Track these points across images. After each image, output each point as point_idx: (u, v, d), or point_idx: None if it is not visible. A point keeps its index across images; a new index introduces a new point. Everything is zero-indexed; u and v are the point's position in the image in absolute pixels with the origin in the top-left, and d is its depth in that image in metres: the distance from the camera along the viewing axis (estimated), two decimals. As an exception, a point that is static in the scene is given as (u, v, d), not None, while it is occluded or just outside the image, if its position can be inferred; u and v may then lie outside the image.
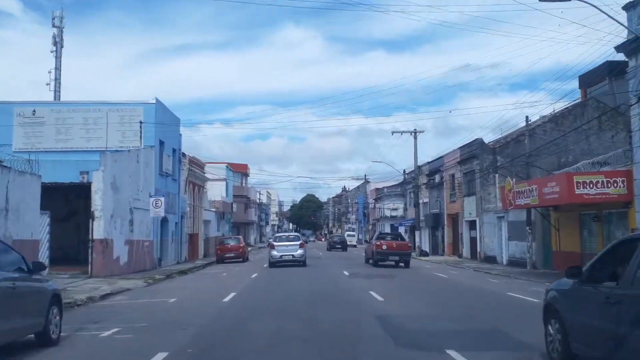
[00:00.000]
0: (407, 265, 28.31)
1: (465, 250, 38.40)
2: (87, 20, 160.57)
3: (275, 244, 29.06)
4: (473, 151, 36.05)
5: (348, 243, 61.84)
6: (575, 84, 32.19)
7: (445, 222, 43.31)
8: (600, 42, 52.76)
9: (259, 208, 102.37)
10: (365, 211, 77.86)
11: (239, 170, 72.04)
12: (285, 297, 14.98)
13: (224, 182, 53.28)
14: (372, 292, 15.68)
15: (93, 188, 21.18)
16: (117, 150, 25.08)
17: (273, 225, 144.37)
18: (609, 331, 5.29)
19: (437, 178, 44.94)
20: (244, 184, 74.07)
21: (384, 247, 28.59)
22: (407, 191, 59.79)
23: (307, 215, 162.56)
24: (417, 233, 48.91)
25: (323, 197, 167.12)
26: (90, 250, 20.91)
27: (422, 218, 51.59)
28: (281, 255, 27.79)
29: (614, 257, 6.16)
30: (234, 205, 58.31)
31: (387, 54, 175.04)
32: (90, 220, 21.05)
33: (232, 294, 15.56)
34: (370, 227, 79.16)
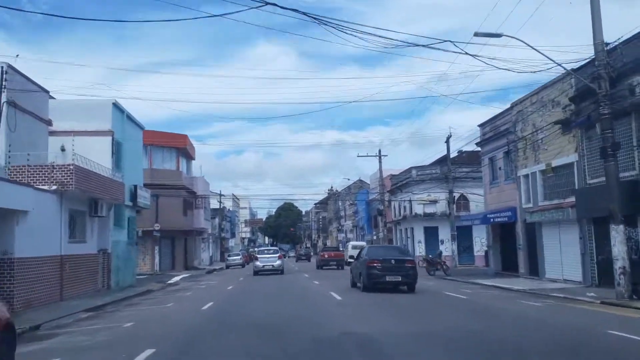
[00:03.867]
0: (342, 268, 39.13)
1: None
2: (55, 39, 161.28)
3: (258, 256, 35.76)
4: None
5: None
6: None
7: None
8: None
9: (219, 214, 73.80)
10: (380, 208, 49.16)
11: (169, 143, 43.05)
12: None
13: (108, 139, 24.34)
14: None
15: None
16: None
17: (243, 239, 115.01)
18: (358, 272, 20.40)
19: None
20: (181, 169, 45.07)
21: (326, 255, 42.31)
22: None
23: (285, 226, 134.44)
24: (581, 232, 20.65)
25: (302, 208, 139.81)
26: None
27: (528, 204, 23.41)
28: (263, 265, 33.66)
29: (359, 251, 23.21)
30: (145, 195, 29.37)
31: (360, 68, 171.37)
32: None
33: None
34: (384, 232, 50.70)
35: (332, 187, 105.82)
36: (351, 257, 45.19)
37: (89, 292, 21.14)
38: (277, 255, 35.14)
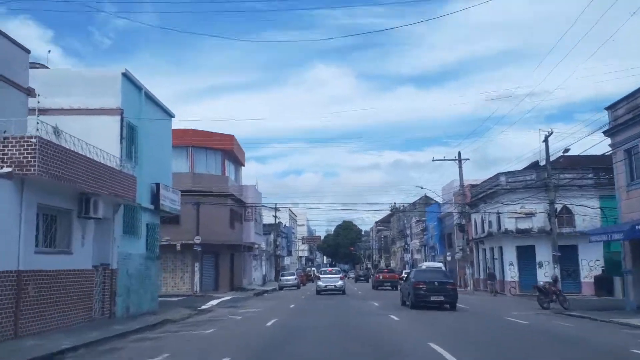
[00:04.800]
0: (395, 289, 37.10)
1: None
2: (121, 64, 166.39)
3: (321, 276, 37.21)
4: None
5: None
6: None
7: None
8: None
9: (274, 230, 68.09)
10: (462, 223, 41.43)
11: (213, 144, 37.27)
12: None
13: (115, 119, 18.33)
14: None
15: None
16: None
17: (300, 258, 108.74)
18: (407, 292, 23.23)
19: None
20: (227, 174, 39.13)
21: (380, 277, 43.47)
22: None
23: (344, 245, 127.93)
24: None
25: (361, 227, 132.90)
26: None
27: None
28: (326, 285, 34.85)
29: (408, 274, 29.39)
30: (173, 198, 23.22)
31: (417, 89, 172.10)
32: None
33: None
34: (466, 251, 42.88)
35: (395, 203, 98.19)
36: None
37: (76, 323, 14.99)
38: (339, 276, 36.53)
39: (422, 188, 42.77)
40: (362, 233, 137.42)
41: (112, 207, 17.41)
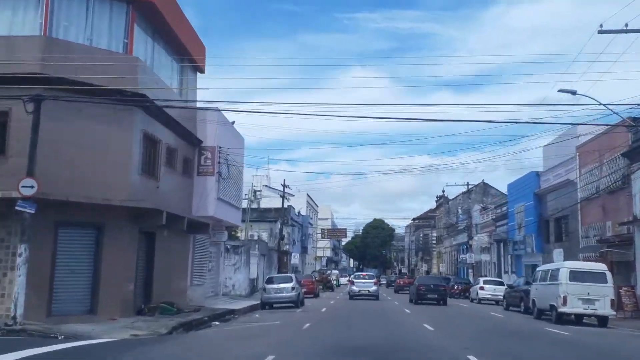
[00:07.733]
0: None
1: None
2: None
3: (354, 281, 36.46)
4: None
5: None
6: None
7: None
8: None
9: (281, 216, 47.85)
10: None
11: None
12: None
13: None
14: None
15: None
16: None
17: (319, 258, 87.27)
18: (412, 292, 31.73)
19: None
20: (137, 54, 17.87)
21: (401, 282, 51.48)
22: None
23: (373, 246, 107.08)
24: None
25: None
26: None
27: None
28: (359, 290, 34.52)
29: (415, 280, 37.76)
30: None
31: (454, 94, 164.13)
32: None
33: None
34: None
35: (443, 192, 76.03)
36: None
37: None
38: (373, 280, 36.29)
39: (576, 94, 20.12)
40: (395, 232, 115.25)
41: None
